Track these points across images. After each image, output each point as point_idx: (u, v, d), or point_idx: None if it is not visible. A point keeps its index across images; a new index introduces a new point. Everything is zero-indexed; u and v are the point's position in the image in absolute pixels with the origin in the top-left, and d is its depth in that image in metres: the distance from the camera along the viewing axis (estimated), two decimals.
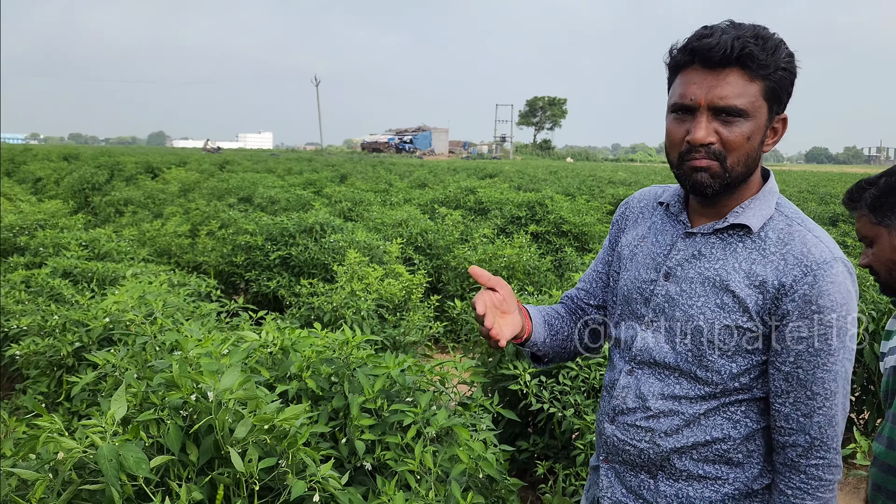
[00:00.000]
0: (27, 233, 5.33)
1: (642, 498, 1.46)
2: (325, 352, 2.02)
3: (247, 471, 1.36)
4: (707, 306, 1.37)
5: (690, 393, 1.40)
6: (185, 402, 1.51)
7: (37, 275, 4.01)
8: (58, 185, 13.98)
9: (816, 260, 1.33)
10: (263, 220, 6.59)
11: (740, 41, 1.26)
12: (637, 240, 1.53)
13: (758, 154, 1.34)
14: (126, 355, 2.03)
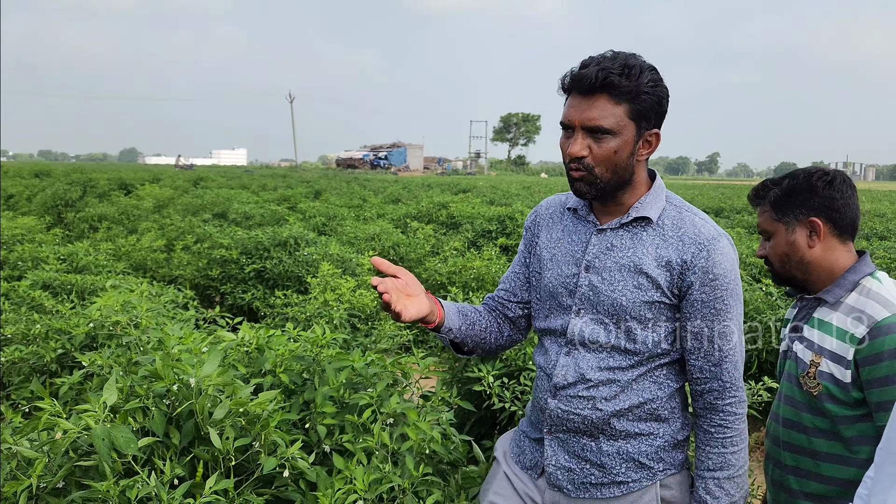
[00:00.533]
0: (5, 247, 5.45)
1: (586, 459, 1.68)
2: (296, 349, 2.21)
3: (224, 448, 1.54)
4: (627, 288, 1.63)
5: (623, 363, 1.65)
6: (167, 391, 1.69)
7: (17, 287, 4.13)
8: (30, 202, 13.96)
9: (707, 237, 1.62)
10: (238, 235, 6.74)
11: (604, 72, 1.53)
12: (553, 242, 1.78)
13: (628, 163, 1.61)
14: (112, 355, 2.19)
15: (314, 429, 1.92)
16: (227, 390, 1.65)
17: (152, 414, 1.64)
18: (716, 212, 15.46)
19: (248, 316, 5.91)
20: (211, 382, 1.61)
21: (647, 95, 1.56)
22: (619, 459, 1.67)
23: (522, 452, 1.81)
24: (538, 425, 1.77)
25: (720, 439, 1.66)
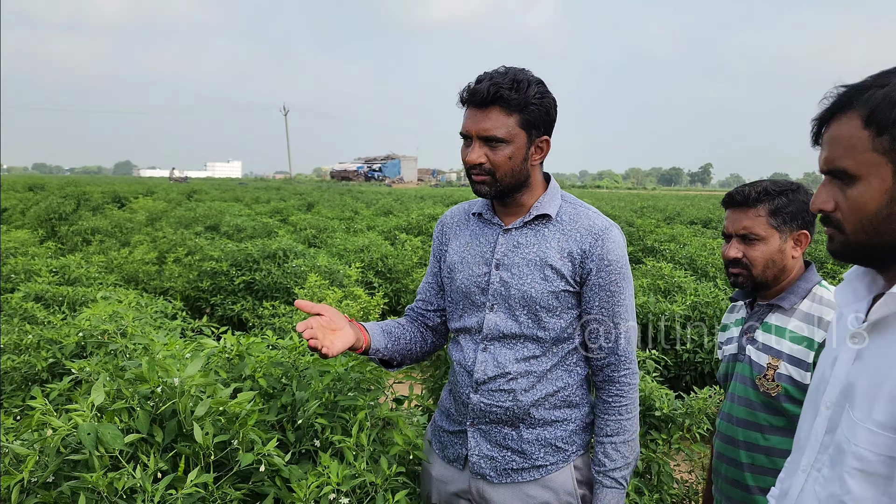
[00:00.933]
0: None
1: (507, 447, 1.85)
2: (275, 356, 2.32)
3: (204, 443, 1.65)
4: (535, 281, 1.80)
5: (536, 352, 1.82)
6: (152, 393, 1.80)
7: (10, 299, 4.24)
8: (24, 216, 14.05)
9: (601, 228, 1.82)
10: (229, 247, 6.86)
11: (495, 87, 1.71)
12: (462, 246, 1.94)
13: (522, 168, 1.80)
14: (100, 362, 2.30)
15: (292, 429, 2.04)
16: (208, 391, 1.76)
17: (137, 414, 1.75)
18: (704, 222, 15.63)
19: (237, 327, 6.02)
20: (193, 383, 1.72)
21: (535, 106, 1.75)
22: (538, 445, 1.84)
23: (444, 447, 1.96)
24: (458, 419, 1.92)
25: (617, 407, 1.85)
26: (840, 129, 1.14)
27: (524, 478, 1.85)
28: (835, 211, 1.16)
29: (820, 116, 1.17)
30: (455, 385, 1.93)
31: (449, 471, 1.96)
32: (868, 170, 1.11)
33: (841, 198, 1.15)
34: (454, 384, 1.94)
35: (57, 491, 1.59)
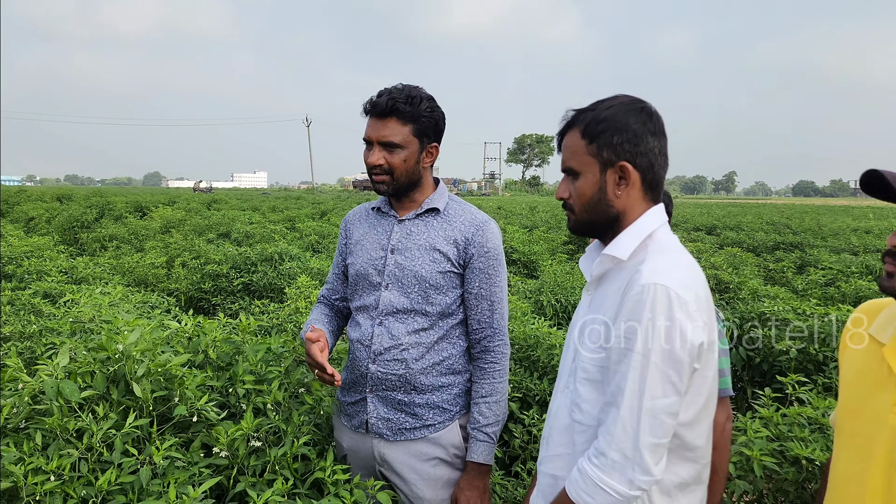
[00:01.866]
0: (14, 262, 6.02)
1: (401, 410, 2.19)
2: (228, 335, 2.71)
3: (144, 397, 2.04)
4: (425, 262, 2.15)
5: (425, 324, 2.16)
6: (108, 359, 2.20)
7: (20, 295, 4.69)
8: (49, 224, 14.68)
9: (481, 221, 2.19)
10: (229, 251, 7.29)
11: (392, 101, 2.08)
12: (362, 235, 2.30)
13: (416, 169, 2.16)
14: (80, 339, 2.71)
15: (234, 394, 2.42)
16: (150, 355, 2.15)
17: (96, 375, 2.14)
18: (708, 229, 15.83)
19: None
20: (136, 348, 2.11)
21: (426, 118, 2.12)
22: (428, 408, 2.17)
23: (350, 417, 2.29)
24: (357, 389, 2.25)
25: (491, 372, 2.19)
26: (569, 140, 1.55)
27: (416, 436, 2.18)
28: (569, 198, 1.56)
29: (559, 131, 1.58)
30: (353, 360, 2.26)
31: (355, 439, 2.29)
32: (585, 168, 1.52)
33: (572, 189, 1.56)
34: (352, 360, 2.27)
35: (25, 433, 1.99)
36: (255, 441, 2.07)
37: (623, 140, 1.51)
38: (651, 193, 1.57)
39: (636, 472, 1.39)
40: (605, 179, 1.53)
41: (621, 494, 1.40)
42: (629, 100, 1.56)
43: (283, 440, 2.12)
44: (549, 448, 1.63)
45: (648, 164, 1.53)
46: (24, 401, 2.05)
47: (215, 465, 2.03)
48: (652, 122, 1.54)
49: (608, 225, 1.57)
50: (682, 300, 1.38)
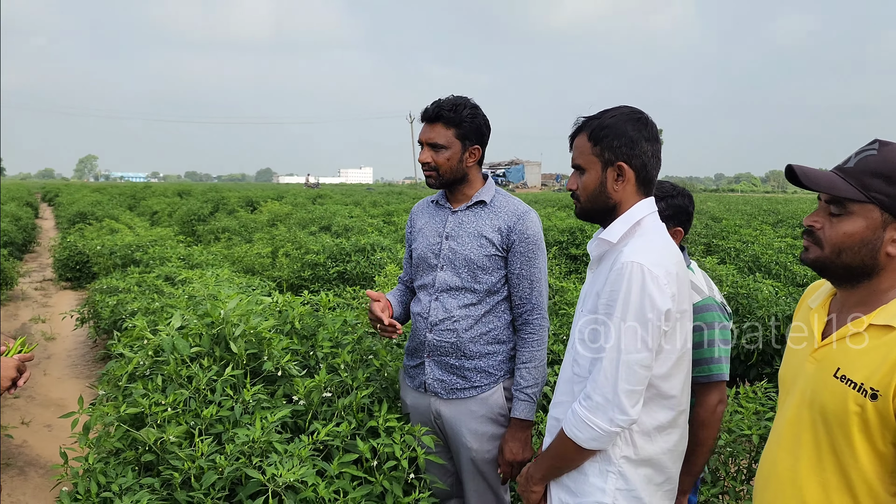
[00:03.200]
0: (141, 250, 6.84)
1: (453, 373, 2.55)
2: (311, 310, 3.19)
3: (239, 353, 2.52)
4: (474, 247, 2.52)
5: (473, 300, 2.53)
6: (212, 323, 2.70)
7: (146, 277, 5.41)
8: (170, 217, 16.01)
9: (522, 211, 2.52)
10: (327, 242, 7.90)
11: (438, 108, 2.49)
12: (423, 224, 2.70)
13: (459, 167, 2.54)
14: (190, 309, 3.25)
15: (314, 357, 2.88)
16: (244, 319, 2.64)
17: (202, 334, 2.65)
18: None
19: None
20: (234, 314, 2.61)
21: (467, 123, 2.50)
22: (476, 371, 2.53)
23: (412, 378, 2.68)
24: (417, 354, 2.64)
25: (530, 342, 2.51)
26: (578, 141, 1.89)
27: (466, 395, 2.56)
28: (576, 190, 1.89)
29: (571, 134, 1.92)
30: (414, 330, 2.67)
31: (415, 397, 2.69)
32: (590, 165, 1.85)
33: (579, 182, 1.89)
34: (414, 330, 2.67)
35: (149, 378, 2.51)
36: (326, 392, 2.52)
37: (621, 144, 1.84)
38: (643, 189, 1.89)
39: (615, 413, 1.72)
40: (606, 176, 1.87)
41: (603, 430, 1.74)
42: (629, 110, 1.89)
43: (350, 393, 2.56)
44: (556, 396, 1.98)
45: (642, 165, 1.86)
46: (148, 354, 2.59)
47: (294, 410, 2.49)
48: (647, 130, 1.87)
49: (607, 213, 1.90)
50: (653, 274, 1.70)
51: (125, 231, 9.18)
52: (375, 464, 2.28)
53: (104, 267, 7.30)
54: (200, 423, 2.21)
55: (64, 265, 10.18)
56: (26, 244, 15.65)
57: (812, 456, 1.49)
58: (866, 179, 1.45)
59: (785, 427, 1.58)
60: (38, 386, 6.36)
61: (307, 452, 2.10)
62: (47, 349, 7.61)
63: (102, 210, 15.71)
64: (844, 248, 1.49)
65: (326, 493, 2.01)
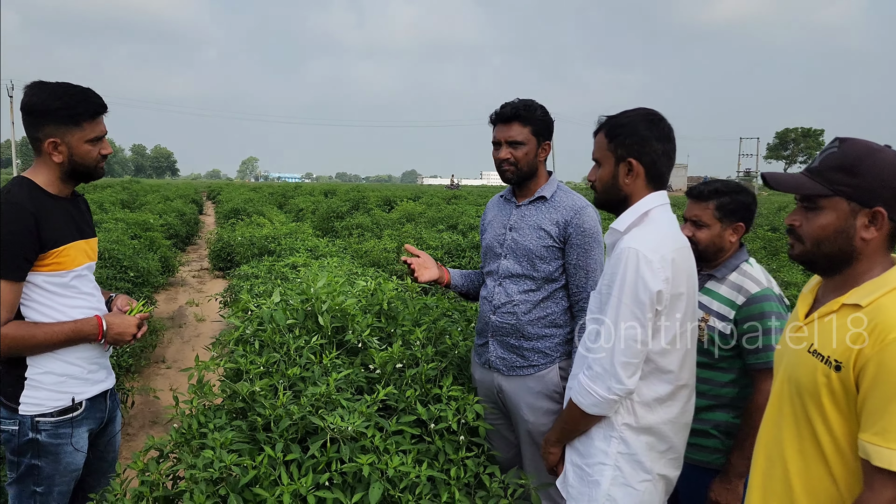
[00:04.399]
0: (276, 241, 7.53)
1: (513, 352, 2.80)
2: (399, 293, 3.54)
3: (325, 326, 2.90)
4: (533, 238, 2.75)
5: (532, 287, 2.76)
6: (306, 299, 3.11)
7: (276, 265, 6.01)
8: (313, 214, 17.12)
9: (579, 206, 2.73)
10: (445, 238, 8.30)
11: (514, 109, 2.73)
12: (492, 218, 2.95)
13: (534, 161, 2.77)
14: (290, 286, 3.70)
15: (395, 334, 3.22)
16: (331, 296, 3.02)
17: (298, 308, 3.06)
18: None
19: None
20: (323, 291, 2.99)
21: (540, 121, 2.74)
22: (533, 352, 2.76)
23: (479, 355, 2.94)
24: (483, 334, 2.90)
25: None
26: (598, 137, 2.10)
27: (524, 373, 2.80)
28: (594, 182, 2.09)
29: (594, 131, 2.12)
30: (481, 312, 2.94)
31: (481, 373, 2.96)
32: (605, 160, 2.06)
33: (596, 174, 2.09)
34: (481, 311, 2.95)
35: (249, 345, 2.95)
36: (398, 364, 2.84)
37: (633, 142, 2.03)
38: (653, 183, 2.07)
39: (612, 382, 1.92)
40: (618, 170, 2.06)
41: (602, 397, 1.94)
42: (645, 112, 2.08)
43: (418, 365, 2.87)
44: (573, 370, 2.19)
45: (651, 162, 2.04)
46: (253, 324, 3.03)
47: (368, 377, 2.83)
48: (658, 130, 2.04)
49: (619, 204, 2.10)
50: (647, 259, 1.89)
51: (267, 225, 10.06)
52: (433, 426, 2.57)
53: (244, 256, 8.10)
54: (285, 380, 2.60)
55: (216, 255, 11.27)
56: (189, 237, 17.32)
57: (791, 427, 1.63)
58: (829, 175, 1.58)
59: (772, 401, 1.72)
60: (187, 360, 7.19)
61: (370, 409, 2.42)
62: (197, 329, 8.54)
63: (253, 207, 17.08)
64: (822, 240, 1.61)
65: (382, 444, 2.33)
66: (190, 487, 2.10)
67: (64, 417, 2.44)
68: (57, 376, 2.42)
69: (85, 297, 2.52)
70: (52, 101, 2.35)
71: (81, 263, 2.50)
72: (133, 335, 2.54)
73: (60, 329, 2.38)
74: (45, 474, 2.42)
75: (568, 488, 2.11)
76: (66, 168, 2.44)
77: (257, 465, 2.15)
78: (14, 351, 2.33)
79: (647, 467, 1.99)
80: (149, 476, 2.24)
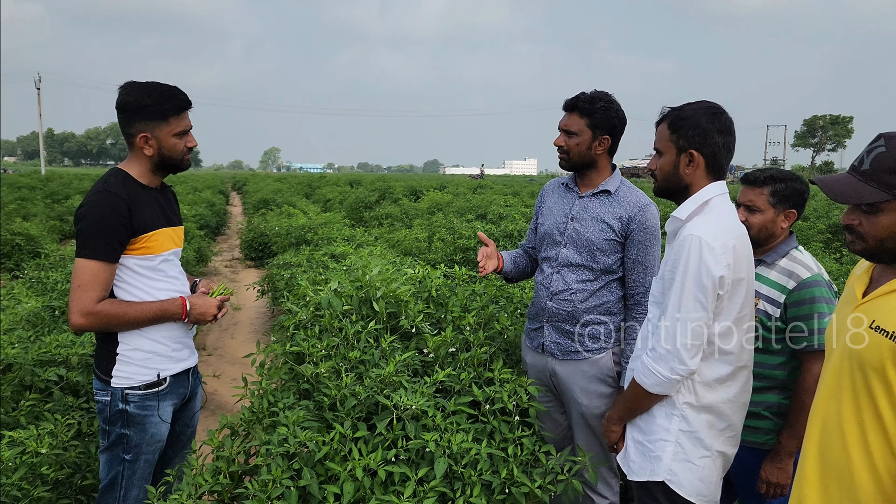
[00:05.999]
0: (312, 231, 7.68)
1: (568, 337, 2.88)
2: (448, 281, 3.65)
3: (380, 311, 3.02)
4: (595, 231, 2.81)
5: (590, 277, 2.83)
6: (361, 286, 3.23)
7: (315, 254, 6.15)
8: (341, 204, 17.29)
9: (643, 203, 2.78)
10: (477, 227, 8.39)
11: (574, 100, 2.79)
12: (552, 203, 3.01)
13: (587, 153, 2.82)
14: (345, 275, 3.82)
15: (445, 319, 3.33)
16: (385, 283, 3.13)
17: (353, 295, 3.18)
18: None
19: None
20: (377, 278, 3.11)
21: (599, 115, 2.77)
22: (588, 337, 2.84)
23: (531, 339, 3.03)
24: (537, 319, 2.98)
25: (639, 318, 2.77)
26: (660, 128, 2.18)
27: (579, 357, 2.89)
28: (655, 170, 2.17)
29: (657, 121, 2.20)
30: (537, 297, 3.03)
31: (534, 356, 3.06)
32: (667, 150, 2.14)
33: (657, 163, 2.17)
34: (536, 297, 3.04)
35: (309, 330, 3.07)
36: (451, 348, 2.95)
37: (695, 134, 2.11)
38: (714, 174, 2.15)
39: (675, 363, 2.01)
40: (679, 160, 2.15)
41: (665, 377, 2.03)
42: (707, 105, 2.16)
43: (471, 349, 2.98)
44: (634, 352, 2.29)
45: (712, 153, 2.12)
46: (310, 309, 3.15)
47: (423, 360, 2.95)
48: (720, 123, 2.12)
49: (680, 192, 2.18)
50: (710, 246, 1.97)
51: (300, 215, 10.23)
52: (487, 407, 2.68)
53: (281, 246, 8.26)
54: (346, 363, 2.72)
55: (249, 246, 11.47)
56: (219, 227, 17.58)
57: (850, 400, 1.71)
58: (885, 178, 1.64)
59: (829, 376, 1.80)
60: (226, 347, 7.37)
61: (430, 390, 2.54)
62: (234, 317, 8.72)
63: (282, 197, 17.29)
64: (885, 238, 1.68)
65: (443, 423, 2.44)
66: (266, 462, 2.23)
67: (150, 391, 2.64)
68: (144, 353, 2.62)
69: (171, 280, 2.73)
70: (143, 98, 2.55)
71: (168, 249, 2.71)
72: (214, 315, 2.78)
73: (149, 308, 2.59)
74: (134, 443, 2.62)
75: (629, 463, 2.20)
76: (156, 160, 2.66)
77: (328, 441, 2.27)
78: (107, 326, 2.53)
79: (706, 444, 2.09)
80: (224, 452, 2.37)
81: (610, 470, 2.91)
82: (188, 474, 2.35)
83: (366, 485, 2.18)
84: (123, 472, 2.63)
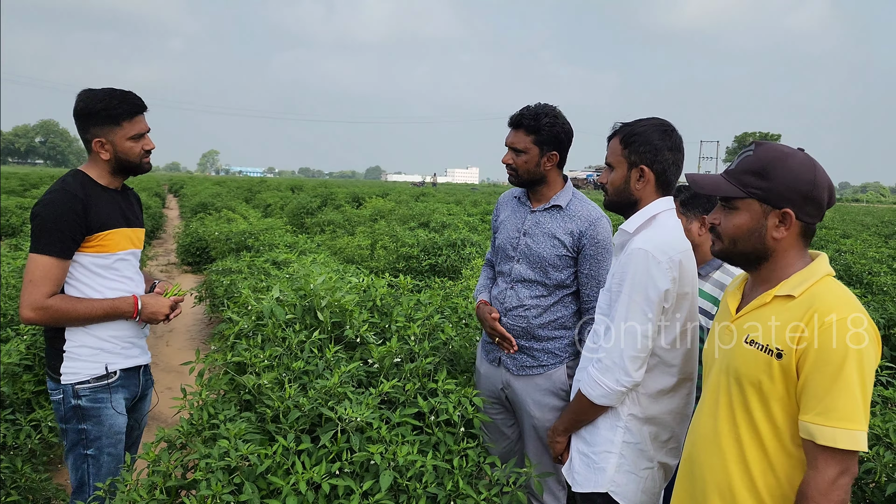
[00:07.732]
0: (253, 237, 7.54)
1: (524, 353, 2.87)
2: (392, 291, 3.62)
3: (325, 321, 2.97)
4: (547, 246, 2.81)
5: (543, 293, 2.83)
6: (305, 295, 3.17)
7: (256, 260, 6.03)
8: (282, 210, 17.04)
9: (594, 217, 2.78)
10: (421, 236, 8.38)
11: (519, 117, 2.78)
12: (506, 217, 3.01)
13: (536, 170, 2.81)
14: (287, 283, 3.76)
15: (389, 329, 3.31)
16: (329, 292, 3.09)
17: (296, 304, 3.13)
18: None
19: None
20: (322, 287, 3.06)
21: (545, 130, 2.76)
22: (543, 352, 2.84)
23: (487, 352, 3.02)
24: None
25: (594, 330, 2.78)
26: (612, 143, 2.21)
27: (534, 372, 2.87)
28: (606, 184, 2.21)
29: (609, 136, 2.23)
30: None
31: (489, 369, 3.04)
32: (618, 165, 2.17)
33: (608, 178, 2.20)
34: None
35: (251, 339, 3.01)
36: (396, 358, 2.93)
37: (646, 150, 2.15)
38: (662, 189, 2.19)
39: (620, 374, 2.04)
40: (630, 175, 2.18)
41: (610, 388, 2.06)
42: (659, 122, 2.20)
43: (416, 360, 2.96)
44: (580, 363, 2.31)
45: (662, 170, 2.16)
46: (252, 318, 3.08)
47: (367, 371, 2.92)
48: (670, 140, 2.17)
49: (629, 207, 2.22)
50: (656, 259, 2.01)
51: (240, 220, 10.03)
52: (433, 419, 2.67)
53: (220, 251, 8.08)
54: (290, 374, 2.67)
55: (186, 250, 11.18)
56: (154, 231, 17.10)
57: (727, 416, 1.74)
58: (743, 177, 1.72)
59: (707, 394, 1.83)
60: (162, 355, 7.16)
61: (374, 402, 2.51)
62: (169, 324, 8.48)
63: (221, 201, 16.94)
64: (737, 238, 1.75)
65: (388, 435, 2.41)
66: (206, 476, 2.16)
67: (100, 384, 2.67)
68: (91, 349, 2.65)
69: (125, 280, 2.74)
70: (95, 104, 2.59)
71: (125, 248, 2.74)
72: (166, 315, 2.81)
73: (100, 305, 2.63)
74: (92, 436, 2.65)
75: (574, 475, 2.22)
76: (113, 164, 2.70)
77: (271, 454, 2.22)
78: (57, 321, 2.56)
79: (649, 455, 2.12)
80: (160, 466, 2.29)
81: (557, 482, 2.92)
82: (121, 490, 2.26)
83: (309, 499, 2.13)
84: (89, 469, 2.66)
